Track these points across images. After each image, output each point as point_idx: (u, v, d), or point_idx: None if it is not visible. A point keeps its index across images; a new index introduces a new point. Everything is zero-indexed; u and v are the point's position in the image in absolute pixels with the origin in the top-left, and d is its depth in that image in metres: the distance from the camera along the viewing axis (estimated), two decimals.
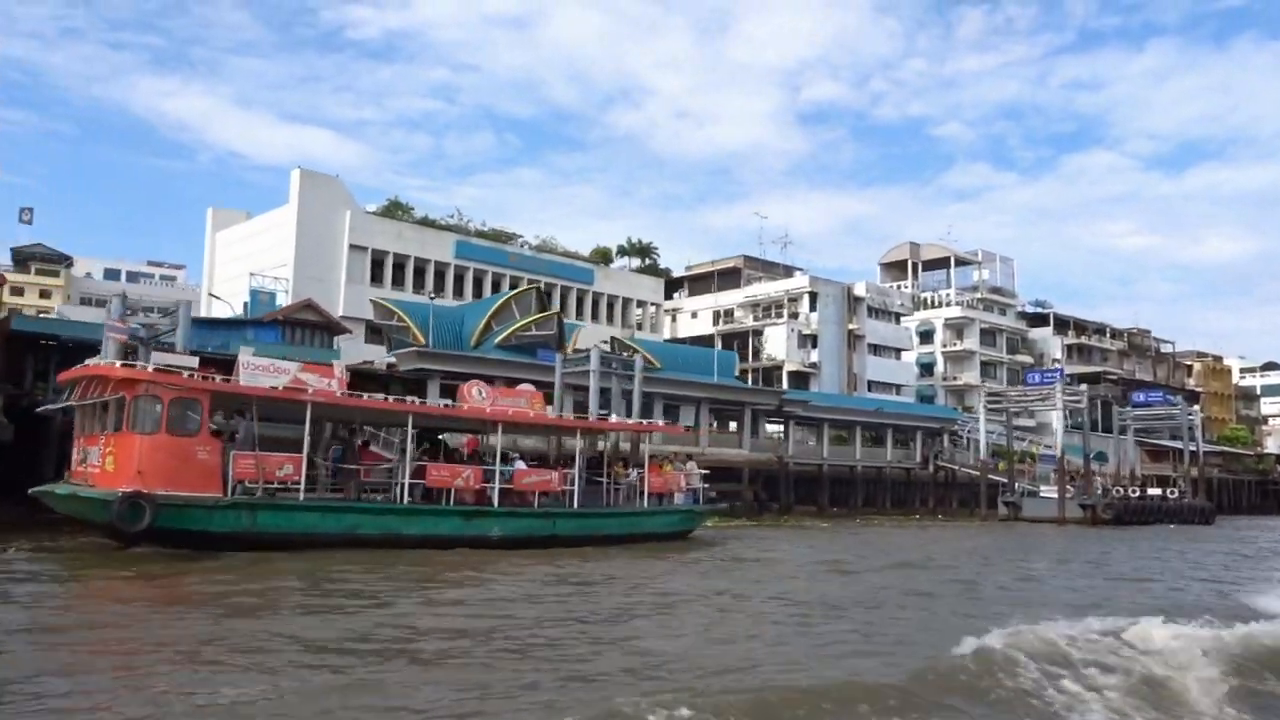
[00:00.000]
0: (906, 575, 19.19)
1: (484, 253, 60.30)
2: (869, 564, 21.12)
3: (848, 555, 23.00)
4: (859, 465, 55.92)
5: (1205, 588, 18.86)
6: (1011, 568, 21.91)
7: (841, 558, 22.39)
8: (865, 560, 21.80)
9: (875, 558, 23.17)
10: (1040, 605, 14.13)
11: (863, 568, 20.29)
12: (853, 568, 20.22)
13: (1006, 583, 18.67)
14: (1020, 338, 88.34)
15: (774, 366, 70.11)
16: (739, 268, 77.89)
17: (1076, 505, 45.30)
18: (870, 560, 21.98)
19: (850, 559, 22.15)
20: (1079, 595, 16.48)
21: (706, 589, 15.62)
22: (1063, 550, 29.09)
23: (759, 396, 46.05)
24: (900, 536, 35.13)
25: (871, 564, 21.07)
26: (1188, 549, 31.67)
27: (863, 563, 21.31)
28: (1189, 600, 16.07)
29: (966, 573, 19.98)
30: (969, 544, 31.08)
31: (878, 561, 21.93)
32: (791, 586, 16.37)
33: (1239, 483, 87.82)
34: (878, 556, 23.74)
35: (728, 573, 18.55)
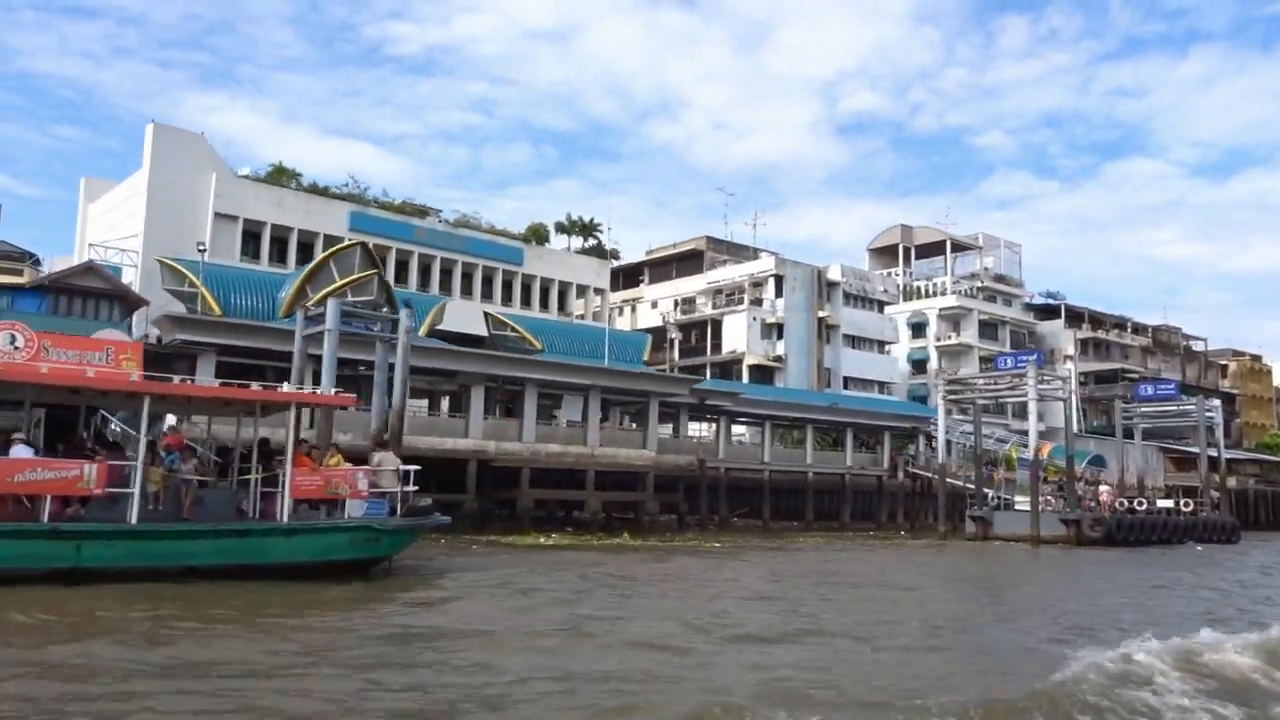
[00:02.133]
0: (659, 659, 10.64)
1: (385, 226, 52.46)
2: (611, 634, 12.53)
3: (603, 608, 14.57)
4: (810, 471, 47.22)
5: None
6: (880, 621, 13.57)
7: (592, 613, 13.93)
8: (610, 629, 12.94)
9: (657, 609, 14.82)
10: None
11: (592, 643, 11.91)
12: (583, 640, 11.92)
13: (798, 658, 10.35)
14: (1027, 331, 78.93)
15: (733, 360, 61.62)
16: (701, 250, 69.46)
17: (1057, 520, 36.44)
18: (623, 627, 13.26)
19: (600, 615, 13.74)
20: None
21: None
22: (1000, 586, 20.57)
23: (666, 386, 37.74)
24: (810, 564, 26.64)
25: (618, 633, 12.52)
26: (1179, 581, 22.93)
27: (606, 631, 12.74)
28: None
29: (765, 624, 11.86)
30: (895, 574, 22.68)
31: (639, 625, 13.42)
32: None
33: (1277, 495, 77.56)
34: (676, 604, 15.39)
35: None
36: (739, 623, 13.06)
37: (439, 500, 34.78)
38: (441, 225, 56.12)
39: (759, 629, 12.58)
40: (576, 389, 36.30)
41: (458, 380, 33.33)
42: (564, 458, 35.35)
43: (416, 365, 32.12)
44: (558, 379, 35.17)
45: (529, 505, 34.48)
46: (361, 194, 53.21)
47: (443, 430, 32.91)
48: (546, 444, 35.03)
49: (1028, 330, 79.06)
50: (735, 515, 46.81)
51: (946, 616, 14.56)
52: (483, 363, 32.97)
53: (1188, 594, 19.36)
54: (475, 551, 25.38)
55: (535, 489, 34.86)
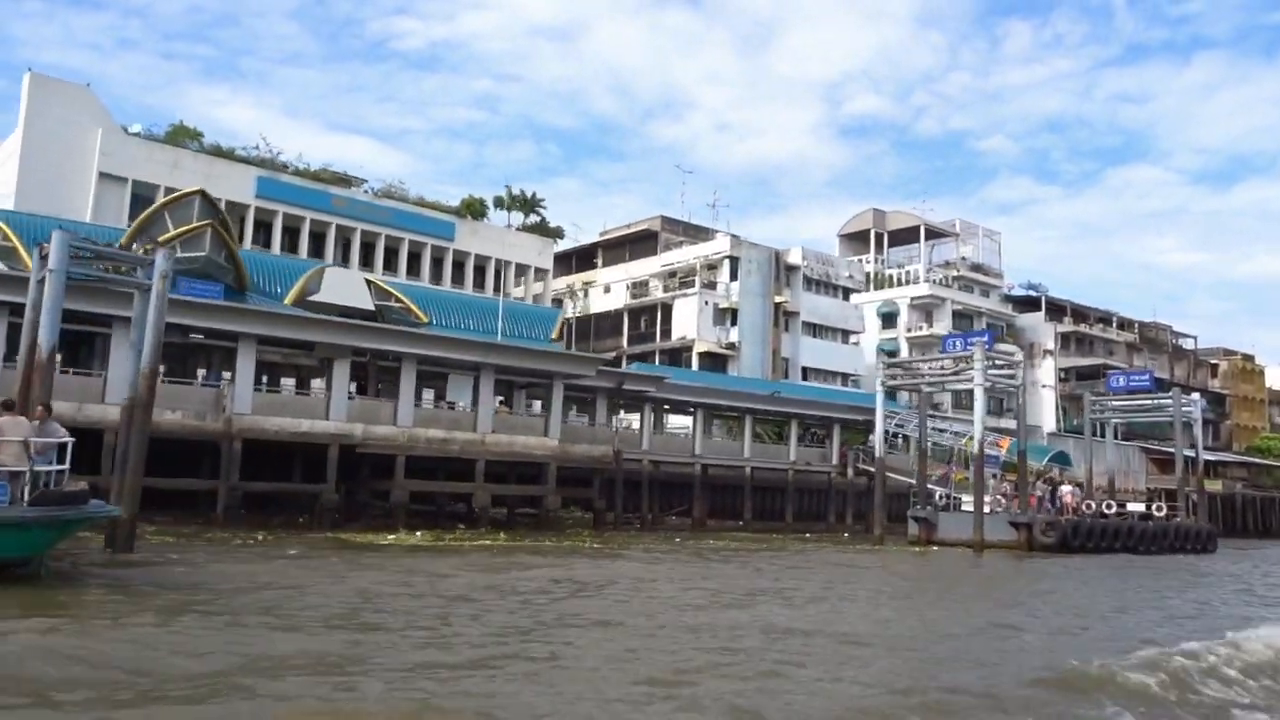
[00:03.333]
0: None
1: (297, 194, 48.29)
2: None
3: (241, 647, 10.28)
4: (748, 466, 43.00)
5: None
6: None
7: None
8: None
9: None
10: None
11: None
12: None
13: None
14: (1005, 324, 74.65)
15: (683, 347, 57.41)
16: (655, 231, 65.20)
17: (1006, 524, 32.26)
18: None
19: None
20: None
21: None
22: (884, 610, 16.45)
23: (570, 366, 33.48)
24: (686, 573, 22.51)
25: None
26: (1122, 597, 18.73)
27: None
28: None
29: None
30: (773, 594, 18.53)
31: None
32: None
33: (1268, 500, 73.38)
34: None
35: None
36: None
37: (292, 491, 30.82)
38: (364, 195, 51.92)
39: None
40: (465, 367, 32.07)
41: (316, 353, 29.11)
42: (448, 445, 31.14)
43: (270, 336, 28.00)
44: (441, 355, 30.95)
45: (404, 498, 30.28)
46: (273, 158, 48.93)
47: (298, 410, 28.69)
48: (427, 429, 30.81)
49: (1006, 322, 74.79)
50: (671, 514, 42.67)
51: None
52: (345, 333, 28.73)
53: (1109, 626, 15.15)
54: (243, 551, 21.15)
55: (413, 480, 30.67)
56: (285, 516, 30.06)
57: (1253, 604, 19.95)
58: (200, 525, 26.73)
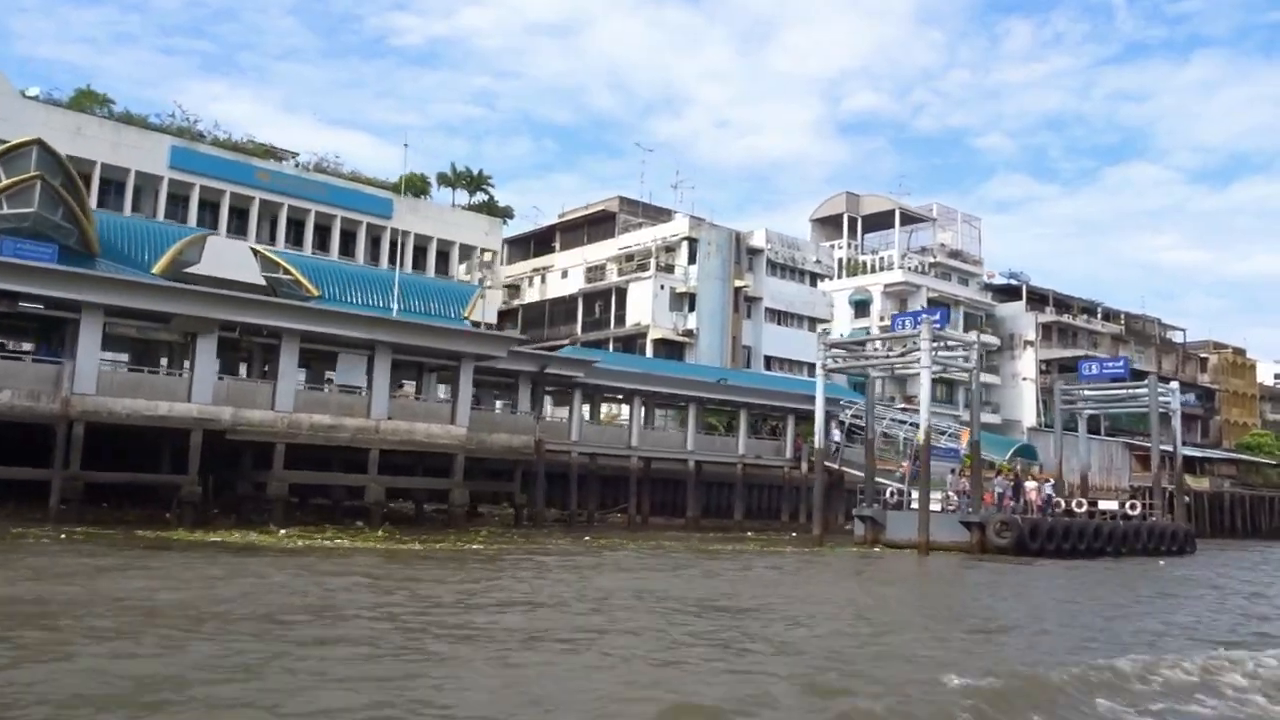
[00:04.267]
0: None
1: (218, 166, 44.94)
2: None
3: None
4: (691, 460, 39.79)
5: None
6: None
7: None
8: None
9: None
10: None
11: None
12: None
13: None
14: (984, 313, 71.52)
15: (638, 334, 54.22)
16: (613, 212, 61.94)
17: (957, 523, 29.08)
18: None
19: None
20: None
21: None
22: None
23: (479, 346, 30.18)
24: (569, 580, 19.44)
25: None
26: (1069, 609, 15.60)
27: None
28: None
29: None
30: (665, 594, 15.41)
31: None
32: None
33: (1257, 499, 70.38)
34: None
35: None
36: None
37: (148, 483, 27.46)
38: (293, 169, 48.58)
39: None
40: (357, 346, 28.80)
41: (174, 327, 25.84)
42: (336, 432, 27.90)
43: (118, 305, 24.73)
44: (327, 331, 27.66)
45: (283, 491, 27.05)
46: (189, 127, 45.58)
47: (155, 391, 25.39)
48: (312, 414, 27.56)
49: (985, 312, 71.65)
50: (613, 511, 39.52)
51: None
52: (208, 304, 25.42)
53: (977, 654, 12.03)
54: (44, 551, 17.96)
55: (293, 471, 27.43)
56: (146, 511, 26.87)
57: (1219, 620, 16.79)
58: (38, 520, 23.62)
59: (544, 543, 27.43)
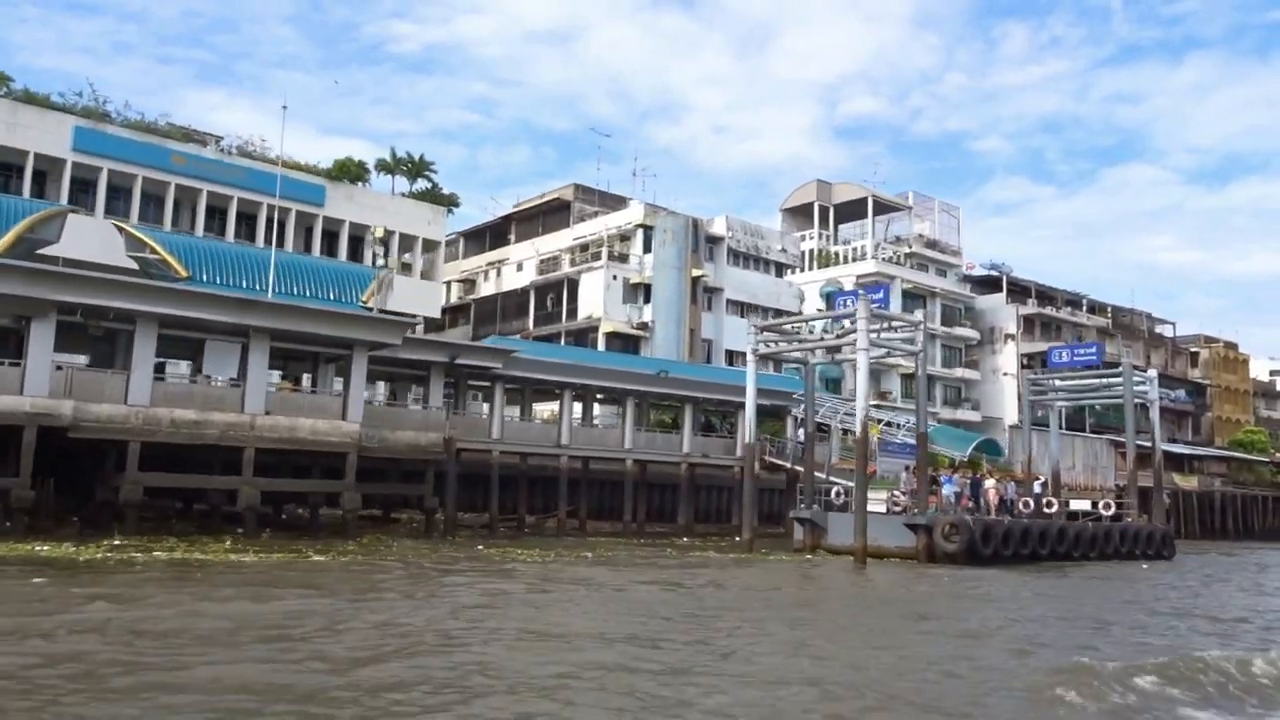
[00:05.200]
0: None
1: (128, 149, 41.77)
2: None
3: None
4: (629, 459, 36.72)
5: None
6: None
7: None
8: None
9: None
10: None
11: None
12: None
13: None
14: (963, 306, 68.51)
15: (589, 327, 51.16)
16: (568, 201, 58.90)
17: (902, 526, 26.02)
18: None
19: None
20: None
21: None
22: None
23: (372, 332, 27.09)
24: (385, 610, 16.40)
25: None
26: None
27: None
28: None
29: None
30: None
31: None
32: None
33: (1250, 499, 67.31)
34: None
35: None
36: None
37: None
38: (214, 153, 45.49)
39: None
40: (230, 332, 25.71)
41: (7, 308, 22.78)
42: (202, 429, 24.82)
43: None
44: (192, 315, 24.59)
45: (137, 496, 23.98)
46: (97, 107, 42.49)
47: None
48: (174, 408, 24.50)
49: (964, 304, 68.67)
50: (549, 516, 36.51)
51: None
52: (42, 283, 22.36)
53: None
54: None
55: (150, 472, 24.36)
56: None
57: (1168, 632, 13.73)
58: None
59: (431, 553, 24.37)
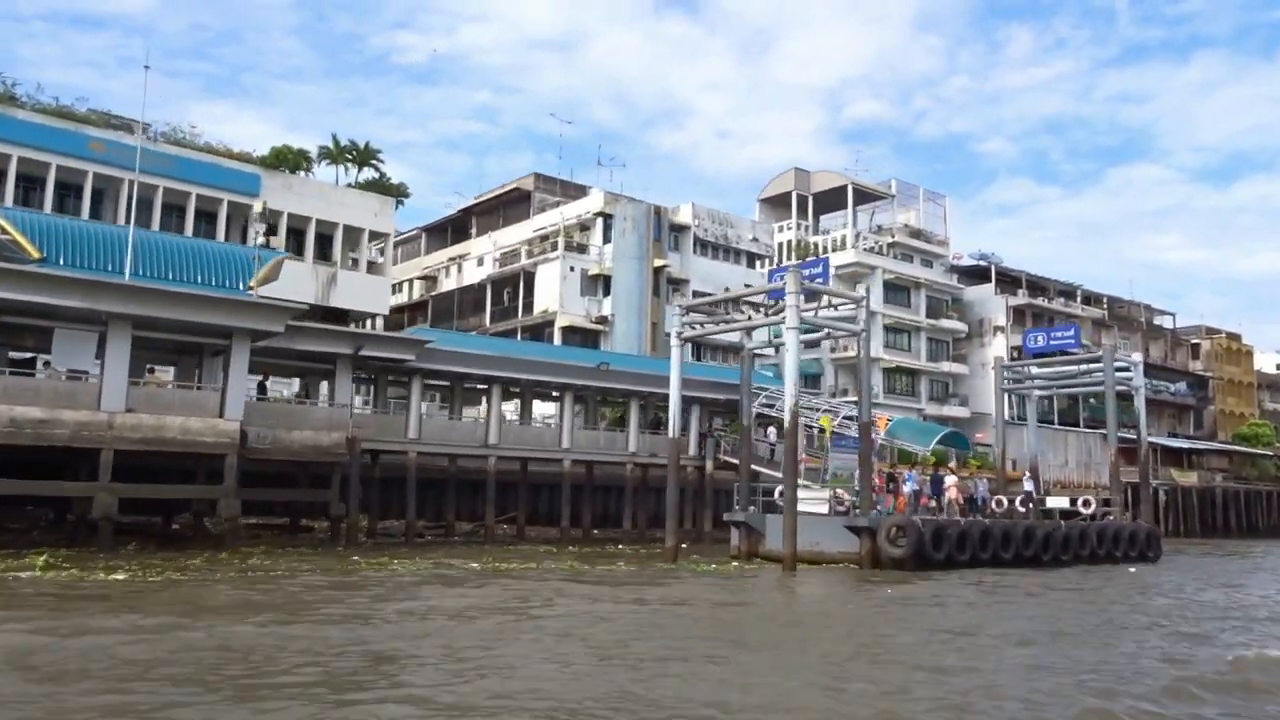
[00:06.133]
0: None
1: (37, 134, 39.08)
2: None
3: None
4: (567, 459, 33.84)
5: None
6: None
7: None
8: None
9: None
10: None
11: None
12: None
13: None
14: (949, 298, 65.48)
15: (545, 322, 48.34)
16: (529, 191, 56.12)
17: (843, 529, 23.11)
18: None
19: None
20: None
21: None
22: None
23: (251, 319, 24.30)
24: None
25: None
26: None
27: None
28: None
29: None
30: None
31: None
32: None
33: (1253, 494, 64.07)
34: None
35: None
36: None
37: None
38: (137, 140, 42.82)
39: None
40: (84, 319, 22.94)
41: None
42: (49, 429, 22.06)
43: None
44: (32, 299, 21.82)
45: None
46: (6, 90, 39.88)
47: None
48: (14, 405, 21.73)
49: (950, 295, 65.60)
50: (494, 522, 33.67)
51: None
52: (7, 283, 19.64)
53: None
54: None
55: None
56: None
57: None
58: None
59: (296, 565, 21.53)
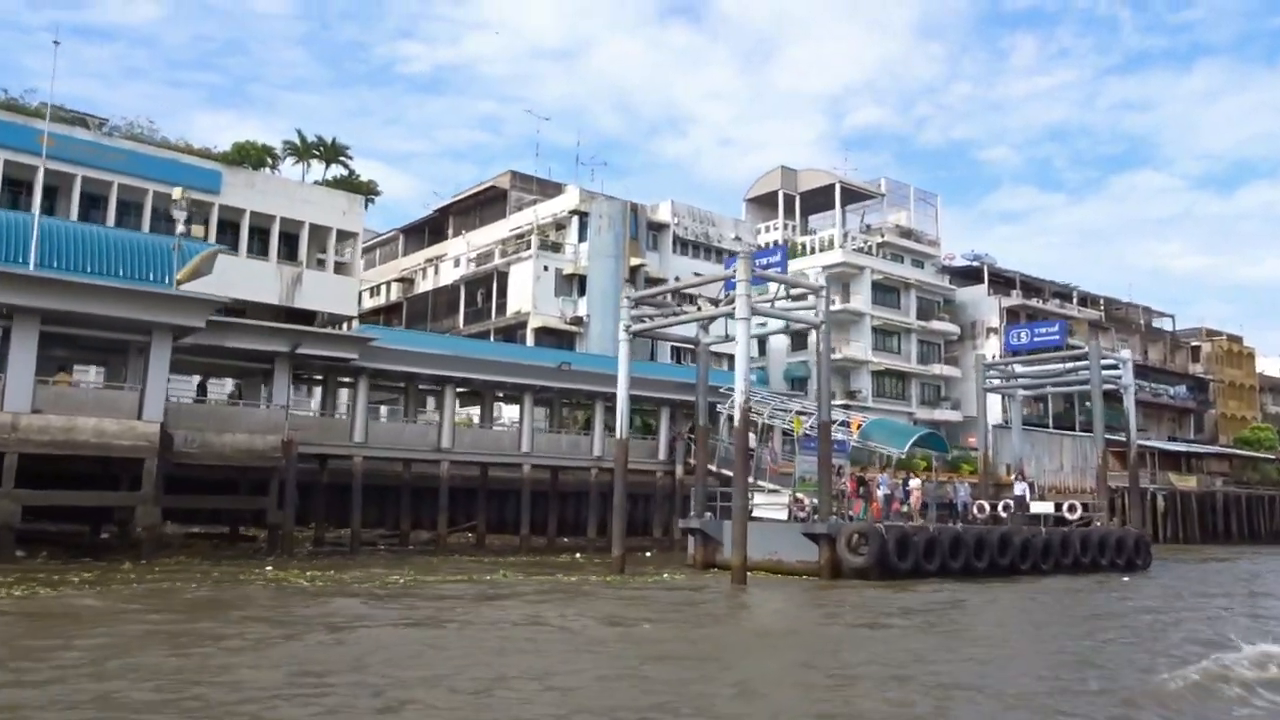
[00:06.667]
0: None
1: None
2: None
3: None
4: (527, 464, 32.22)
5: None
6: None
7: None
8: None
9: None
10: None
11: None
12: None
13: None
14: (941, 299, 63.82)
15: (518, 323, 46.80)
16: (505, 190, 54.63)
17: (801, 537, 21.49)
18: None
19: None
20: None
21: None
22: None
23: (171, 313, 22.74)
24: None
25: None
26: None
27: None
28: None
29: None
30: None
31: None
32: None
33: (1255, 499, 62.23)
34: None
35: None
36: None
37: None
38: (90, 134, 41.36)
39: None
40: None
41: None
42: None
43: None
44: None
45: None
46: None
47: None
48: None
49: (942, 297, 63.93)
50: (457, 530, 32.13)
51: None
52: None
53: None
54: None
55: None
56: None
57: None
58: None
59: (199, 578, 19.93)
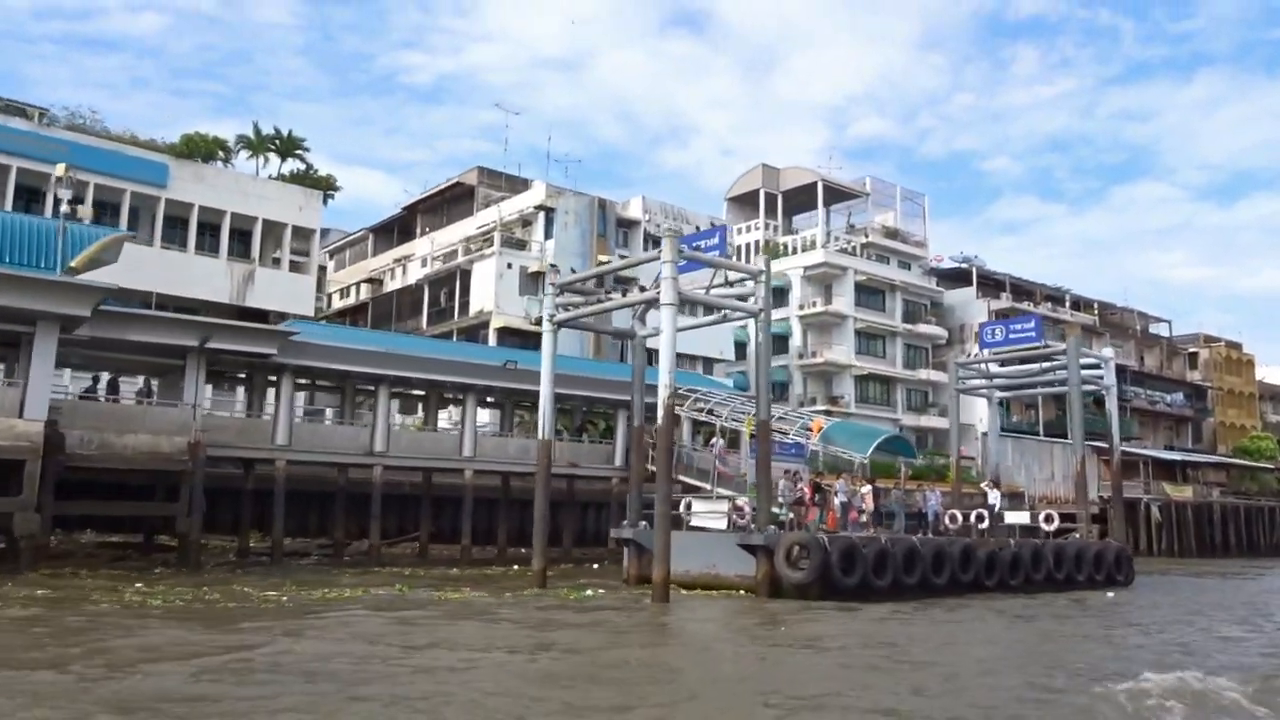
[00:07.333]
0: None
1: None
2: None
3: None
4: (469, 469, 30.21)
5: None
6: None
7: None
8: None
9: None
10: None
11: None
12: None
13: None
14: (928, 302, 61.86)
15: (480, 323, 44.88)
16: (472, 186, 52.79)
17: (737, 548, 19.51)
18: None
19: None
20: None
21: None
22: None
23: (56, 302, 20.81)
24: None
25: None
26: None
27: None
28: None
29: None
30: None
31: None
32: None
33: (1253, 510, 59.98)
34: None
35: None
36: None
37: None
38: (32, 125, 39.61)
39: None
40: None
41: None
42: None
43: None
44: None
45: None
46: None
47: None
48: None
49: (929, 299, 62.00)
50: (399, 541, 30.21)
51: None
52: None
53: None
54: None
55: None
56: None
57: None
58: None
59: (61, 593, 17.93)
